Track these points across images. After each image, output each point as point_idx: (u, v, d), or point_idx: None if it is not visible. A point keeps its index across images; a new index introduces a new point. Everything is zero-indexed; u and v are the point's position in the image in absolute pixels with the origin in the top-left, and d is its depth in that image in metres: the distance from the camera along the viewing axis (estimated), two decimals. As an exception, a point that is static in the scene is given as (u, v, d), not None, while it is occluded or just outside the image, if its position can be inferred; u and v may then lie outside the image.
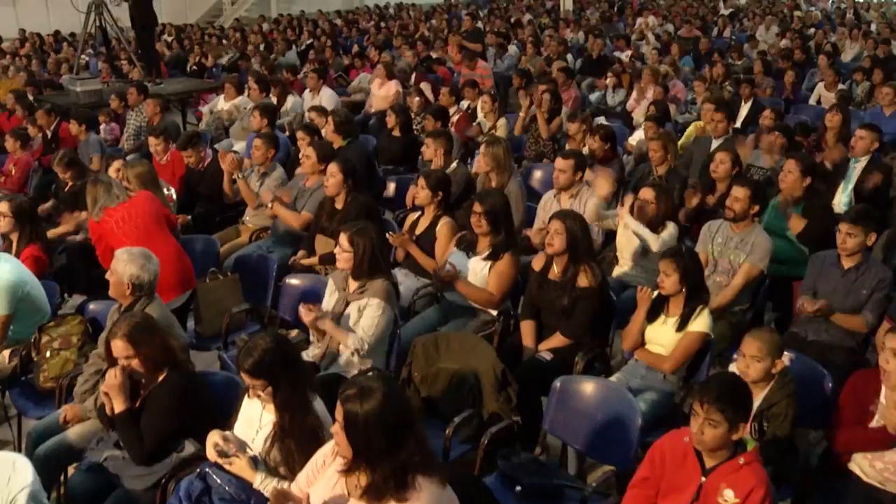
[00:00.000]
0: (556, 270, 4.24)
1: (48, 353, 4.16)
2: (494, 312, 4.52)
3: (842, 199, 5.90)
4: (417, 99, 9.06)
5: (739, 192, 4.64)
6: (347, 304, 3.99)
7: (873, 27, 17.42)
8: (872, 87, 9.75)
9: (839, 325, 4.20)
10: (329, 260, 5.21)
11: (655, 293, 3.95)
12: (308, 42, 16.47)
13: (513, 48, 14.40)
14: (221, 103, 9.95)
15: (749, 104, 8.91)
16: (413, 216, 5.24)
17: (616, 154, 6.60)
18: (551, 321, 4.26)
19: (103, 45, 12.13)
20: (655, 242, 4.72)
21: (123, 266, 3.75)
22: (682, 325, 3.85)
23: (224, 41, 16.28)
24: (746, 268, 4.58)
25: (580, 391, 3.57)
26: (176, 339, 3.24)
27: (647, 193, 4.83)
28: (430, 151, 6.14)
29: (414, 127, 8.04)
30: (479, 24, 14.42)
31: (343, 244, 3.93)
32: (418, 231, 5.06)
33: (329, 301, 4.12)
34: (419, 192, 4.99)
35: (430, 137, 6.20)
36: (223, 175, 6.27)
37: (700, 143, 6.97)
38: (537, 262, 4.38)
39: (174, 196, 6.27)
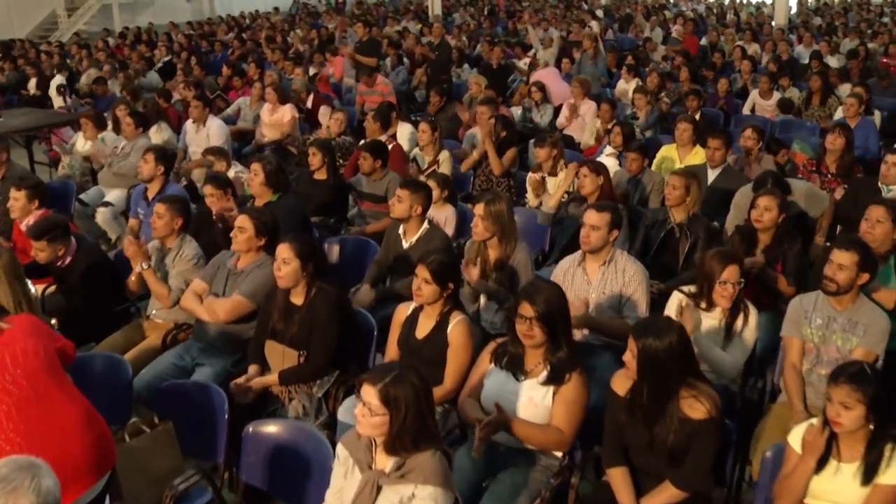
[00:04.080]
0: (653, 396, 3.01)
1: None
2: (559, 454, 3.23)
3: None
4: (339, 116, 7.61)
5: (844, 259, 3.56)
6: (379, 488, 2.60)
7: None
8: (810, 93, 9.16)
9: None
10: (292, 378, 3.78)
11: (815, 420, 2.81)
12: (166, 59, 14.47)
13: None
14: (80, 142, 8.13)
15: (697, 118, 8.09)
16: (403, 311, 3.82)
17: (613, 193, 5.36)
18: (650, 466, 3.02)
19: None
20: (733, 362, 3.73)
21: None
22: (868, 475, 2.72)
23: (68, 59, 14.00)
24: (861, 354, 3.52)
25: None
26: None
27: (732, 274, 3.66)
28: (404, 208, 4.66)
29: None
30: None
31: (372, 404, 2.51)
32: (419, 335, 3.66)
33: (346, 483, 2.69)
34: (422, 287, 3.58)
35: (406, 190, 4.67)
36: (96, 270, 4.57)
37: (692, 174, 5.91)
38: (620, 384, 3.11)
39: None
